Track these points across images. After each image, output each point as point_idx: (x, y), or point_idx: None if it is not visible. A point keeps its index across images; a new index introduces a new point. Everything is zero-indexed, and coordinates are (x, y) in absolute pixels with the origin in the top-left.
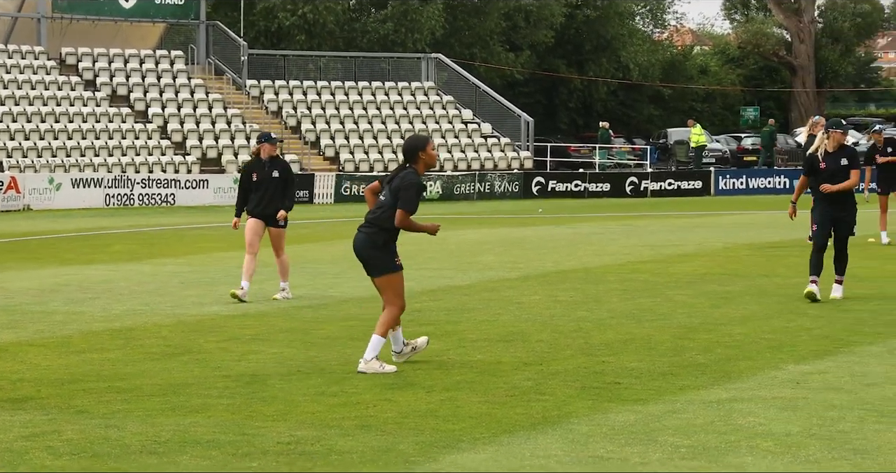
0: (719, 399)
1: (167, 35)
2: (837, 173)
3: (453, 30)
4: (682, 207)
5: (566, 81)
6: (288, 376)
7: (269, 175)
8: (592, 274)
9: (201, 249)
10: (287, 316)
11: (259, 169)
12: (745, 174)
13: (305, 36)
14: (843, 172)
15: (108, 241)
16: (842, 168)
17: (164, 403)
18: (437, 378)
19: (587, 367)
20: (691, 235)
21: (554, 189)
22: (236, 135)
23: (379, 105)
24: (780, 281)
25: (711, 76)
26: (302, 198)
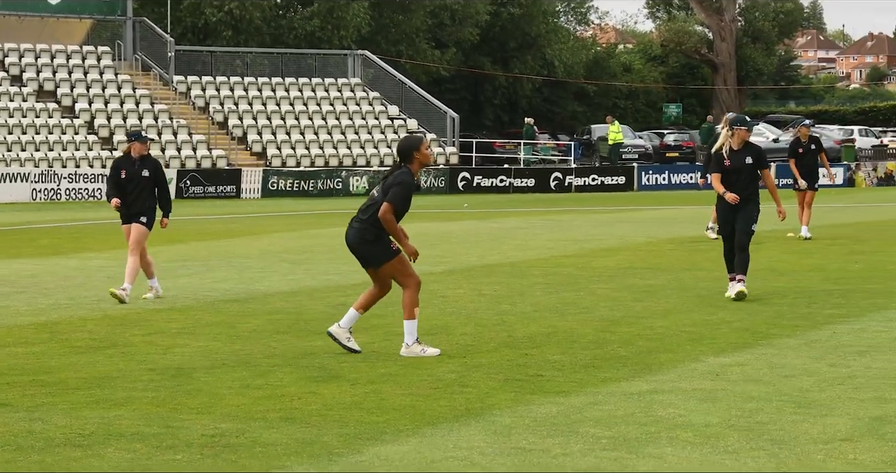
0: (640, 391)
1: (94, 31)
2: (742, 171)
3: (379, 27)
4: (606, 202)
5: (491, 78)
6: (213, 369)
7: (139, 173)
8: (517, 268)
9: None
10: (213, 309)
11: (128, 166)
12: (668, 170)
13: (232, 32)
14: (748, 170)
15: (34, 236)
16: (747, 166)
17: (89, 396)
18: (362, 370)
19: (510, 360)
20: (614, 230)
21: (479, 184)
22: (163, 130)
23: (306, 101)
24: (702, 275)
25: (634, 73)
26: (229, 193)
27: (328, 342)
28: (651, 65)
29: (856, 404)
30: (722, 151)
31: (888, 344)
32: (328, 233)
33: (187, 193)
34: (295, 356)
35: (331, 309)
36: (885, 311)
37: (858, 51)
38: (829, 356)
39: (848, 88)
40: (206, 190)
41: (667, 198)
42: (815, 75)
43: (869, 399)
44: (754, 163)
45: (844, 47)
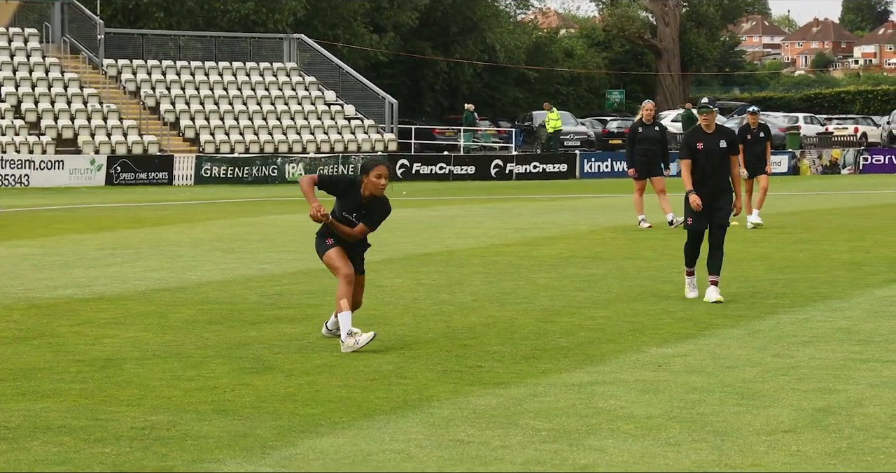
0: (581, 383)
1: (21, 12)
2: (715, 155)
3: (316, 10)
4: (547, 190)
5: (431, 63)
6: (143, 360)
7: None
8: (456, 257)
9: (56, 231)
10: (144, 299)
11: None
12: (611, 157)
13: (164, 14)
14: (721, 155)
15: None
16: (721, 150)
17: (15, 388)
18: (296, 361)
19: (449, 351)
20: (556, 218)
21: (419, 171)
22: (93, 115)
23: (240, 86)
24: (644, 264)
25: (577, 59)
26: (161, 180)
27: (262, 332)
28: (594, 50)
29: (799, 395)
30: (693, 135)
31: (832, 335)
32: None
33: (118, 180)
34: (228, 347)
35: (265, 299)
36: (830, 301)
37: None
38: (773, 346)
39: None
40: (137, 176)
41: (609, 186)
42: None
43: (812, 390)
44: (727, 148)
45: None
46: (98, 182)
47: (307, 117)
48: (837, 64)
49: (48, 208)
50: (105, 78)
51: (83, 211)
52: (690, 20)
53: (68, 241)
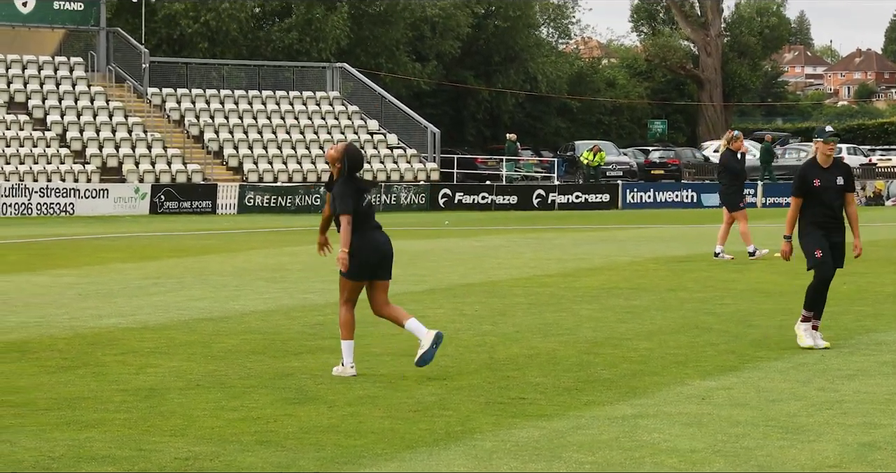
0: (624, 415)
1: (67, 41)
2: (832, 193)
3: (359, 39)
4: (590, 220)
5: (474, 92)
6: (187, 390)
7: None
8: (498, 287)
9: (99, 260)
10: (187, 328)
11: None
12: (653, 187)
13: (208, 43)
14: (838, 192)
15: (3, 251)
16: (837, 187)
17: (59, 417)
18: (339, 392)
19: (492, 382)
20: (598, 249)
21: (461, 201)
22: (137, 144)
23: (283, 114)
24: (686, 296)
25: (619, 89)
26: (205, 209)
27: (305, 363)
28: (636, 80)
29: (844, 429)
30: (809, 169)
31: (877, 368)
32: (306, 251)
33: (162, 209)
34: (271, 377)
35: (308, 329)
36: (874, 334)
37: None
38: (817, 380)
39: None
40: (180, 205)
41: (652, 216)
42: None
43: (857, 424)
44: (845, 185)
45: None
46: (142, 210)
47: None
48: (880, 94)
49: (92, 237)
50: (150, 106)
51: (127, 239)
52: (733, 50)
53: (112, 270)
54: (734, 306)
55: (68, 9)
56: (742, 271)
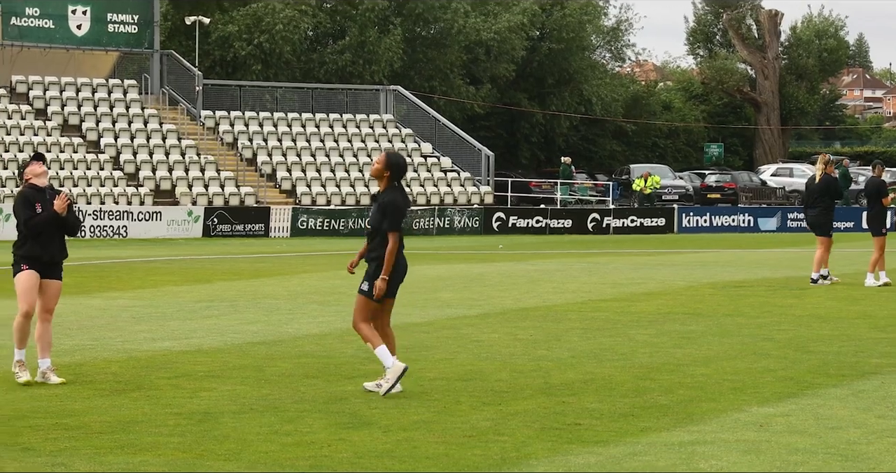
0: (681, 442)
1: (120, 64)
2: None
3: (412, 62)
4: (645, 245)
5: (528, 115)
6: (240, 414)
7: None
8: (553, 311)
9: (153, 283)
10: (241, 352)
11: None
12: (709, 212)
13: (261, 66)
14: None
15: None
16: None
17: (113, 441)
18: (393, 417)
19: (547, 407)
20: (654, 273)
21: (515, 225)
22: (190, 166)
23: (336, 137)
24: (744, 321)
25: (675, 112)
26: (258, 232)
27: (359, 387)
28: (692, 103)
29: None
30: None
31: None
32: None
33: (214, 231)
34: (325, 401)
35: (361, 353)
36: None
37: None
38: (878, 407)
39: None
40: (233, 228)
41: (708, 241)
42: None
43: None
44: None
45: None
46: (195, 233)
47: None
48: None
49: (146, 260)
50: (203, 129)
51: (180, 262)
52: (790, 73)
53: (165, 293)
54: (792, 332)
55: (122, 31)
56: (800, 296)
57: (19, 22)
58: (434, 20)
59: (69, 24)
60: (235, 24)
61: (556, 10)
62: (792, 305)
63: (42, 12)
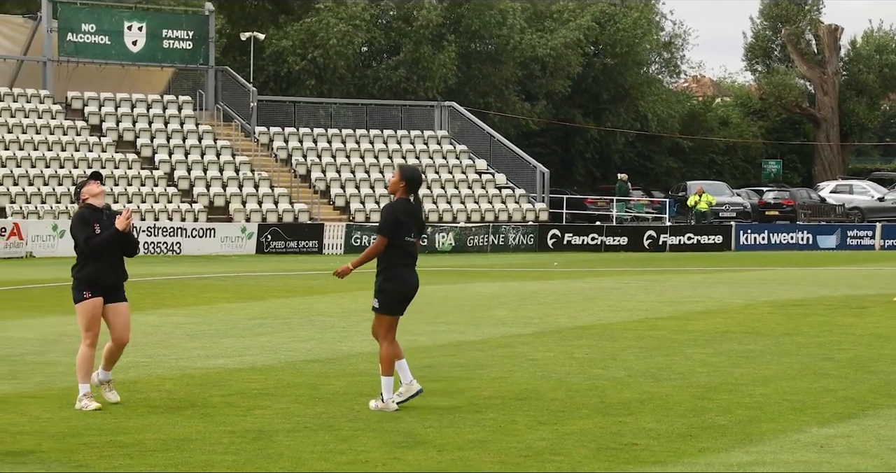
0: (740, 463)
1: (175, 80)
2: None
3: (467, 78)
4: (702, 262)
5: (583, 131)
6: (295, 432)
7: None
8: (609, 330)
9: (207, 300)
10: (295, 370)
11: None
12: (767, 229)
13: (315, 81)
14: None
15: None
16: None
17: (168, 459)
18: (448, 436)
19: (603, 427)
20: (711, 291)
21: (570, 242)
22: (244, 183)
23: (391, 153)
24: (803, 341)
25: (733, 128)
26: (311, 248)
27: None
28: (750, 119)
29: None
30: None
31: None
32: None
33: (268, 248)
34: (379, 420)
35: (415, 372)
36: None
37: None
38: None
39: None
40: (287, 245)
41: (766, 258)
42: None
43: None
44: None
45: None
46: (248, 250)
47: (458, 186)
48: None
49: (199, 276)
50: (257, 145)
51: (234, 279)
52: (850, 88)
53: (219, 310)
54: (853, 351)
55: (177, 47)
56: (860, 315)
57: (75, 38)
58: (489, 36)
59: (125, 40)
60: (289, 39)
61: (610, 25)
62: (852, 324)
63: (98, 29)
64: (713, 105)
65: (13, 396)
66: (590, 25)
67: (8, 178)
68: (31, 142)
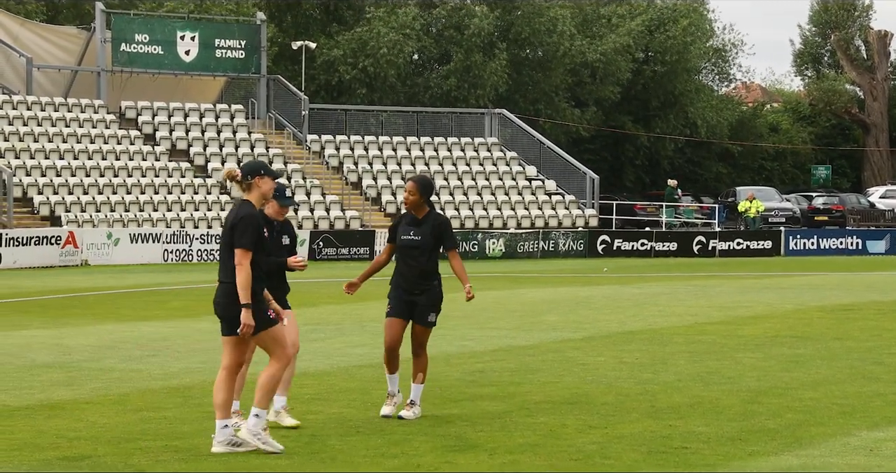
0: (790, 466)
1: (228, 89)
2: None
3: (517, 85)
4: (751, 268)
5: (632, 138)
6: (347, 436)
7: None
8: (659, 335)
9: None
10: (347, 375)
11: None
12: (816, 234)
13: (366, 90)
14: None
15: (165, 297)
16: None
17: (223, 464)
18: (499, 440)
19: (654, 431)
20: (760, 296)
21: (619, 248)
22: (296, 190)
23: (441, 161)
24: (853, 345)
25: (782, 134)
26: (363, 255)
27: (464, 410)
28: (799, 125)
29: None
30: None
31: None
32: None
33: (320, 255)
34: (430, 424)
35: (466, 377)
36: None
37: None
38: None
39: None
40: (338, 251)
41: (815, 263)
42: None
43: None
44: None
45: None
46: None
47: (508, 192)
48: None
49: None
50: (308, 153)
51: None
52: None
53: None
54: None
55: (230, 56)
56: None
57: (129, 48)
58: (539, 44)
59: (177, 49)
60: (340, 49)
61: (660, 33)
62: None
63: (151, 39)
64: (763, 111)
65: (70, 402)
66: (640, 31)
67: (63, 187)
68: (86, 152)
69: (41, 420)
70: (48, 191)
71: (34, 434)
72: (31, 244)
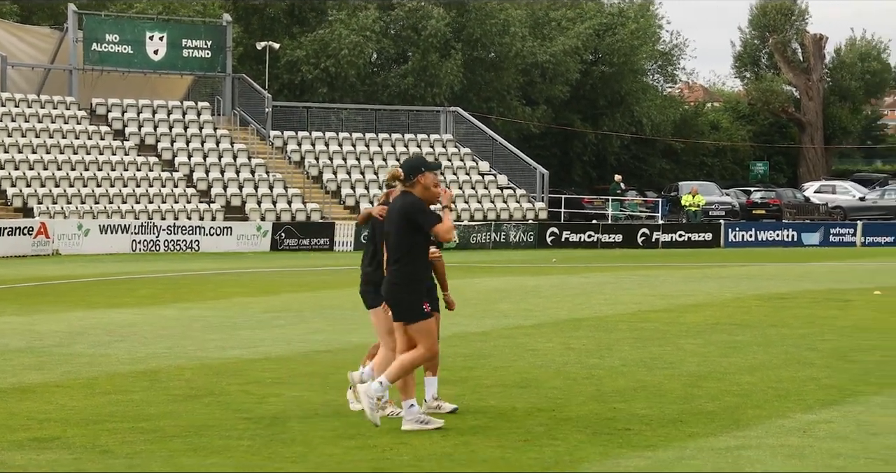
0: (728, 447)
1: (194, 87)
2: None
3: (471, 84)
4: (693, 259)
5: (581, 135)
6: (307, 419)
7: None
8: (604, 322)
9: (224, 294)
10: (307, 360)
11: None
12: (754, 227)
13: (328, 89)
14: None
15: (133, 286)
16: None
17: (187, 444)
18: (452, 422)
19: (599, 413)
20: (701, 286)
21: (568, 239)
22: (259, 184)
23: (398, 156)
24: (788, 332)
25: (722, 132)
26: (323, 246)
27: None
28: (739, 123)
29: None
30: None
31: None
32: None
33: (282, 246)
34: None
35: None
36: None
37: None
38: None
39: None
40: (300, 242)
41: (753, 255)
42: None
43: None
44: None
45: None
46: (263, 247)
47: (462, 186)
48: None
49: (217, 272)
50: (272, 149)
51: (250, 275)
52: (834, 94)
53: (236, 304)
54: (835, 342)
55: (197, 56)
56: (843, 308)
57: (100, 48)
58: (492, 44)
59: (146, 49)
60: (303, 49)
61: (609, 36)
62: (835, 316)
63: (121, 39)
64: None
65: (40, 385)
66: (588, 34)
67: (35, 180)
68: (58, 146)
69: (13, 402)
70: (21, 183)
71: (6, 416)
72: (3, 234)
